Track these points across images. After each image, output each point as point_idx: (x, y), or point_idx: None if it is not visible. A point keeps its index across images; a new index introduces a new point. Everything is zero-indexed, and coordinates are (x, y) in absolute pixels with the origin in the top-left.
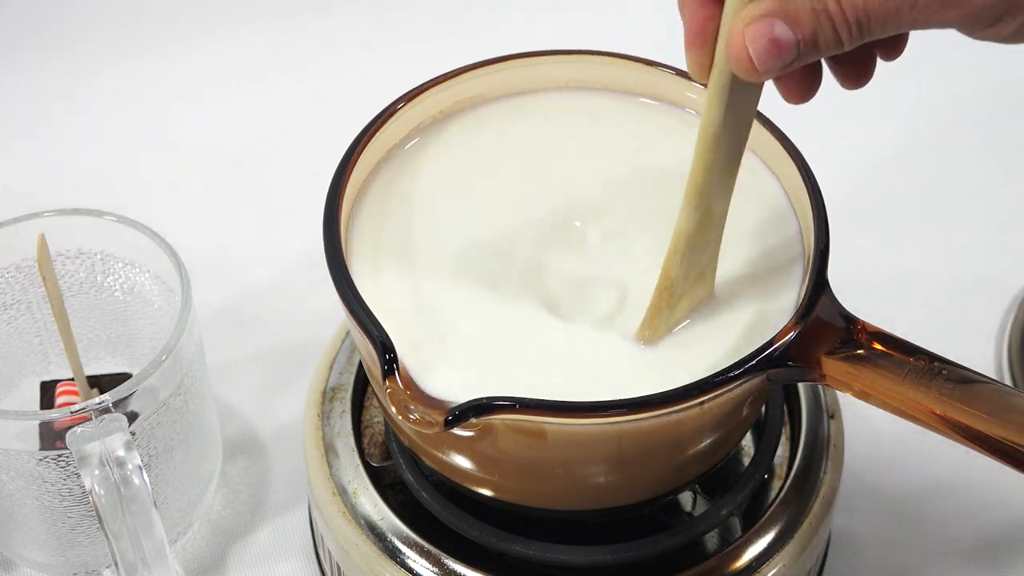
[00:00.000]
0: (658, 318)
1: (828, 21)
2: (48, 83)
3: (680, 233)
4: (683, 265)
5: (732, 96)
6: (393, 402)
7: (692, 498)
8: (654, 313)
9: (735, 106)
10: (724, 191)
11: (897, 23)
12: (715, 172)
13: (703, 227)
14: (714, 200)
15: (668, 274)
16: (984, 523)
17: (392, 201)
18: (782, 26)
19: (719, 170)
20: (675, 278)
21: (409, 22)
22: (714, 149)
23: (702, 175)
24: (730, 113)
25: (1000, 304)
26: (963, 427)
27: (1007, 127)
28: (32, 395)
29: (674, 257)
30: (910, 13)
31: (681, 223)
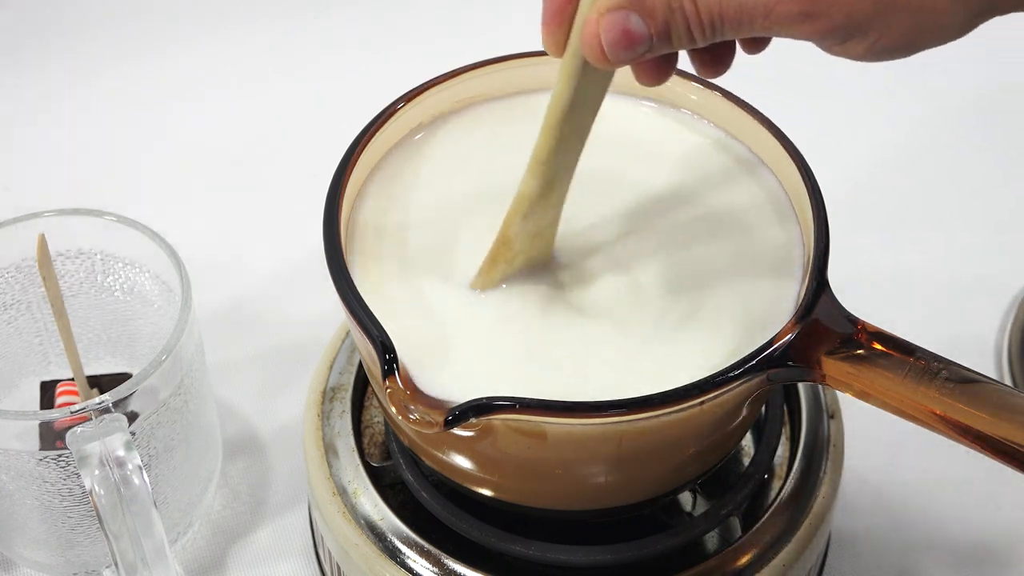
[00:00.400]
0: (494, 269)
1: (682, 19)
2: (48, 83)
3: (522, 196)
4: (522, 224)
5: (583, 76)
6: (393, 402)
7: (692, 498)
8: (490, 264)
9: (586, 86)
10: (569, 162)
11: (751, 29)
12: (561, 144)
13: (544, 193)
14: (558, 169)
15: (507, 232)
16: (984, 523)
17: (392, 201)
18: (636, 19)
19: (565, 142)
20: (513, 236)
21: (409, 22)
22: (561, 124)
23: (547, 146)
24: (580, 92)
25: (1000, 304)
26: (963, 427)
27: (1007, 127)
28: (32, 395)
29: (515, 217)
30: (763, 22)
31: (523, 187)
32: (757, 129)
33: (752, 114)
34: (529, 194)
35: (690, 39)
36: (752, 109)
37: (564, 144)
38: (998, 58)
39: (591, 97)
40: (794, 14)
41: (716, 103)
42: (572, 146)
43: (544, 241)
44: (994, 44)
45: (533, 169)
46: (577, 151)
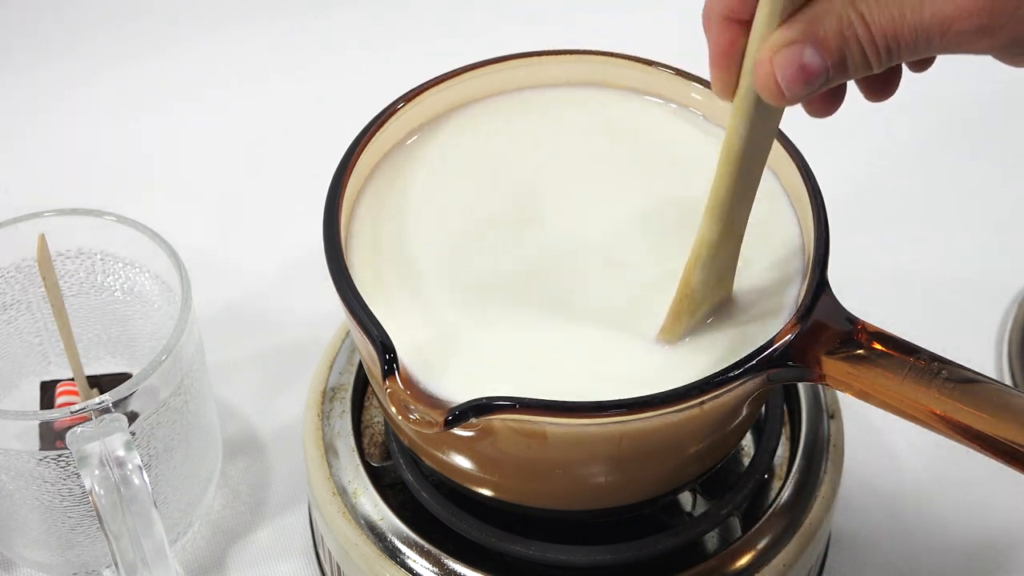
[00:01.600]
0: (678, 323)
1: (857, 46)
2: (48, 83)
3: (702, 243)
4: (704, 272)
5: (756, 116)
6: (393, 402)
7: (692, 498)
8: (675, 319)
9: (759, 125)
10: (745, 203)
11: (928, 49)
12: (737, 186)
13: (724, 237)
14: (735, 212)
15: (688, 281)
16: (984, 523)
17: (392, 200)
18: (811, 52)
19: (741, 184)
20: (695, 285)
21: (409, 22)
22: (737, 165)
23: (725, 189)
24: (754, 132)
25: (1000, 304)
26: (963, 427)
27: (1007, 127)
28: (32, 395)
29: (695, 264)
30: (941, 41)
31: (703, 233)
32: None
33: None
34: (709, 240)
35: (867, 66)
36: None
37: (741, 185)
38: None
39: (766, 134)
40: (973, 30)
41: (717, 103)
42: (749, 186)
43: (725, 286)
44: None
45: (711, 213)
46: (753, 190)
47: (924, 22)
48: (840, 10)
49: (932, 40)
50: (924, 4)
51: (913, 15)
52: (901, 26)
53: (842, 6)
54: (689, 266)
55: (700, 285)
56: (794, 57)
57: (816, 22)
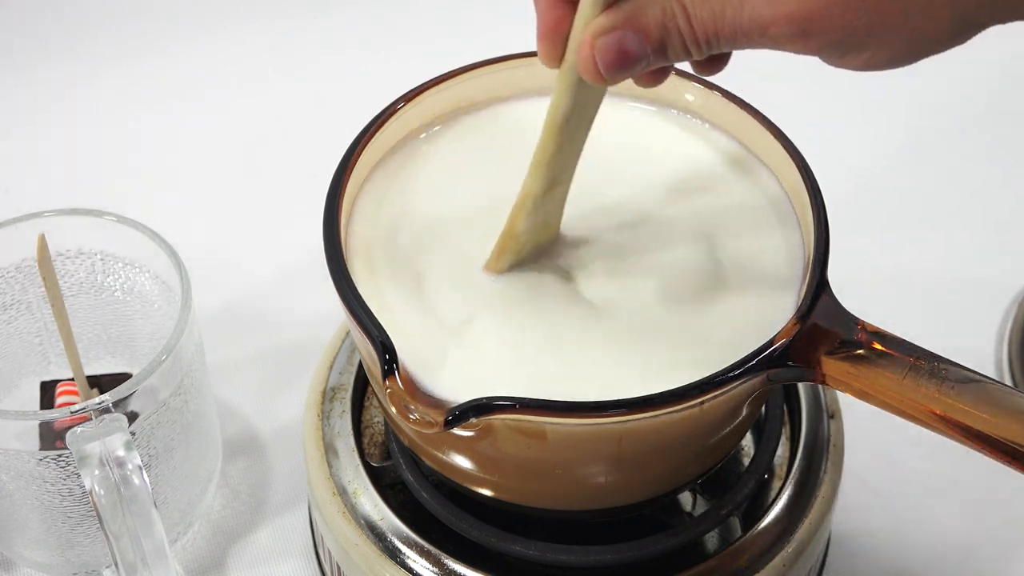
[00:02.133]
0: (502, 259)
1: (678, 36)
2: (48, 83)
3: (526, 195)
4: (528, 220)
5: (580, 87)
6: (393, 402)
7: (692, 498)
8: (499, 255)
9: (581, 96)
10: (570, 162)
11: (747, 45)
12: (562, 148)
13: (548, 189)
14: (558, 170)
15: (513, 226)
16: (984, 523)
17: (392, 200)
18: (632, 38)
19: (566, 145)
20: (519, 230)
21: (409, 22)
22: (561, 129)
23: (548, 150)
24: (578, 101)
25: (1000, 304)
26: (963, 427)
27: (1007, 127)
28: (32, 395)
29: (520, 213)
30: (759, 40)
31: (527, 187)
32: (757, 129)
33: (752, 114)
34: (533, 193)
35: (687, 53)
36: (752, 109)
37: (565, 147)
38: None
39: (589, 104)
40: (789, 34)
41: (716, 104)
42: (573, 148)
43: (550, 229)
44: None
45: (535, 171)
46: (577, 152)
47: (743, 22)
48: (663, 1)
49: (751, 39)
50: (744, 4)
51: (733, 14)
52: (721, 23)
53: None
54: (514, 213)
55: (524, 229)
56: (615, 42)
57: (640, 10)
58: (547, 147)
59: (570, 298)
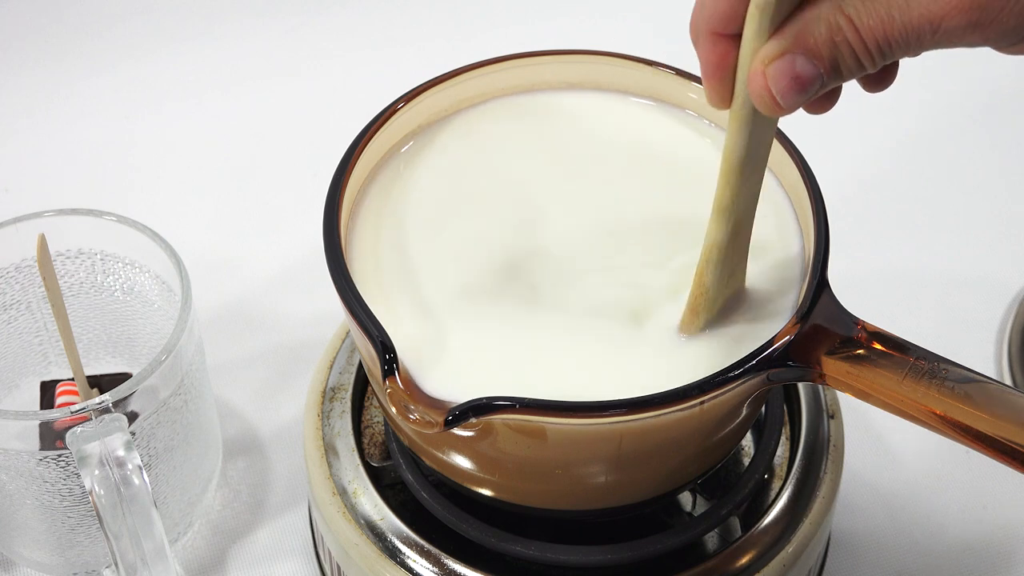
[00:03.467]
0: (696, 318)
1: (848, 49)
2: (48, 83)
3: (711, 245)
4: (715, 272)
5: (754, 125)
6: (393, 402)
7: (692, 498)
8: (693, 314)
9: (757, 132)
10: (749, 205)
11: (919, 47)
12: (741, 190)
13: (731, 238)
14: (740, 214)
15: (702, 281)
16: (984, 523)
17: (392, 201)
18: (803, 61)
19: (744, 188)
20: (708, 284)
21: (409, 22)
22: (739, 172)
23: (729, 195)
24: (752, 139)
25: (1000, 304)
26: (963, 427)
27: (1007, 127)
28: (32, 395)
29: (707, 266)
30: (932, 38)
31: (711, 236)
32: None
33: None
34: (718, 243)
35: (860, 68)
36: None
37: (743, 189)
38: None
39: (764, 140)
40: (963, 26)
41: None
42: (751, 188)
43: (737, 280)
44: None
45: (718, 217)
46: (756, 193)
47: (913, 21)
48: (828, 16)
49: (923, 38)
50: (911, 3)
51: (901, 15)
52: (891, 27)
53: (830, 11)
54: (700, 268)
55: (713, 283)
56: (787, 68)
57: (806, 30)
58: (726, 193)
59: (570, 299)
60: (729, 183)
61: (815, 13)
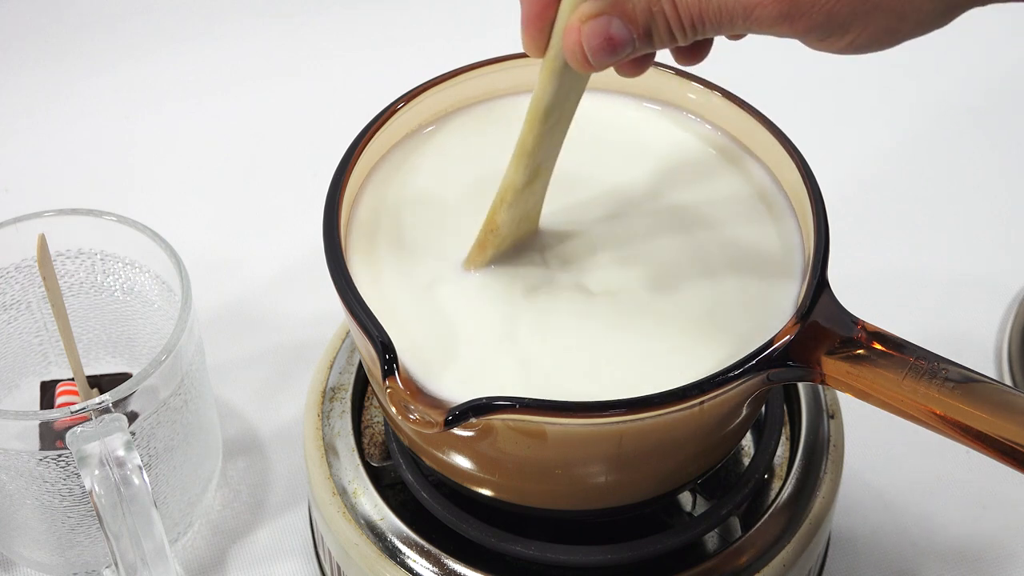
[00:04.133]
0: (483, 254)
1: (663, 20)
2: (48, 83)
3: (507, 187)
4: (509, 212)
5: (565, 75)
6: (393, 402)
7: (692, 498)
8: (480, 249)
9: (567, 83)
10: (552, 152)
11: (731, 28)
12: (544, 138)
13: (529, 182)
14: (541, 160)
15: (494, 219)
16: (984, 523)
17: (392, 200)
18: (618, 24)
19: (548, 135)
20: (500, 223)
21: (409, 22)
22: (544, 118)
23: (532, 141)
24: (562, 89)
25: (1000, 304)
26: (963, 427)
27: (1007, 127)
28: (32, 395)
29: (500, 206)
30: (744, 23)
31: (509, 178)
32: (756, 129)
33: (752, 114)
34: (514, 184)
35: (671, 39)
36: (752, 109)
37: (547, 137)
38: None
39: (572, 93)
40: (774, 16)
41: (716, 104)
42: (555, 138)
43: (530, 222)
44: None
45: (518, 161)
46: (559, 142)
47: (728, 5)
48: None
49: (735, 21)
50: None
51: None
52: (706, 7)
53: None
54: (495, 206)
55: (505, 223)
56: (601, 28)
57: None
58: (529, 137)
59: (570, 299)
60: (533, 129)
61: None
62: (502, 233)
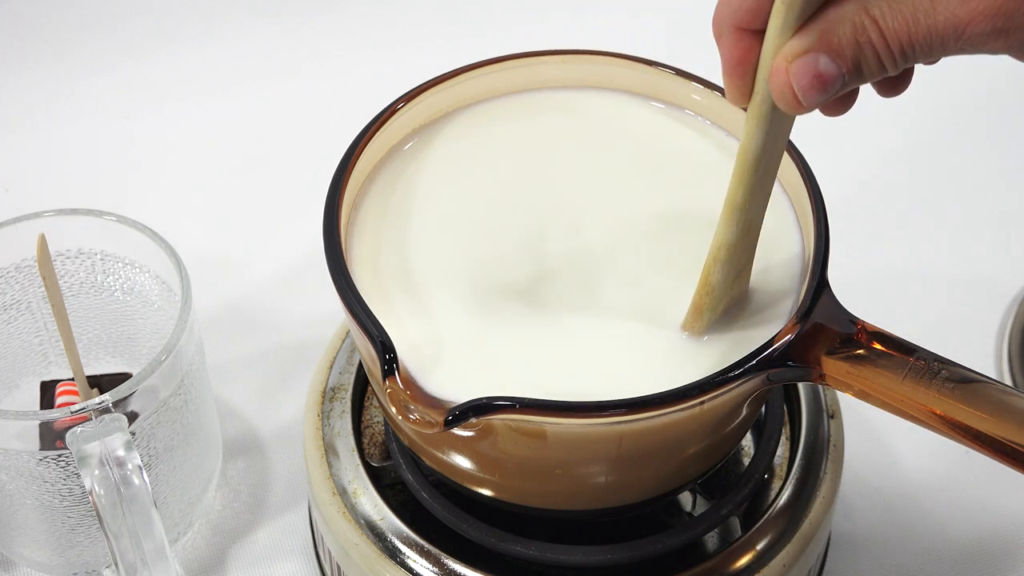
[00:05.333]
0: (700, 319)
1: (872, 51)
2: (48, 83)
3: (720, 244)
4: (723, 271)
5: (771, 122)
6: (393, 402)
7: (692, 498)
8: (696, 314)
9: (774, 131)
10: (760, 205)
11: (943, 51)
12: (754, 190)
13: (741, 238)
14: (751, 214)
15: (708, 280)
16: (984, 523)
17: (392, 200)
18: (826, 61)
19: (757, 187)
20: (714, 283)
21: (409, 22)
22: (753, 170)
23: (742, 194)
24: (769, 137)
25: (1000, 304)
26: (963, 427)
27: (1007, 126)
28: (32, 395)
29: (714, 265)
30: (955, 43)
31: (720, 235)
32: None
33: None
34: (728, 242)
35: (881, 70)
36: None
37: (757, 188)
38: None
39: (780, 139)
40: (988, 32)
41: (717, 103)
42: (764, 189)
43: (742, 282)
44: None
45: (729, 217)
46: (768, 192)
47: (938, 26)
48: (853, 16)
49: (947, 43)
50: (937, 7)
51: (927, 19)
52: (915, 30)
53: (855, 12)
54: (708, 266)
55: (719, 283)
56: (810, 66)
57: (830, 30)
58: (739, 191)
59: (570, 300)
60: (742, 182)
61: (840, 12)
62: (717, 294)
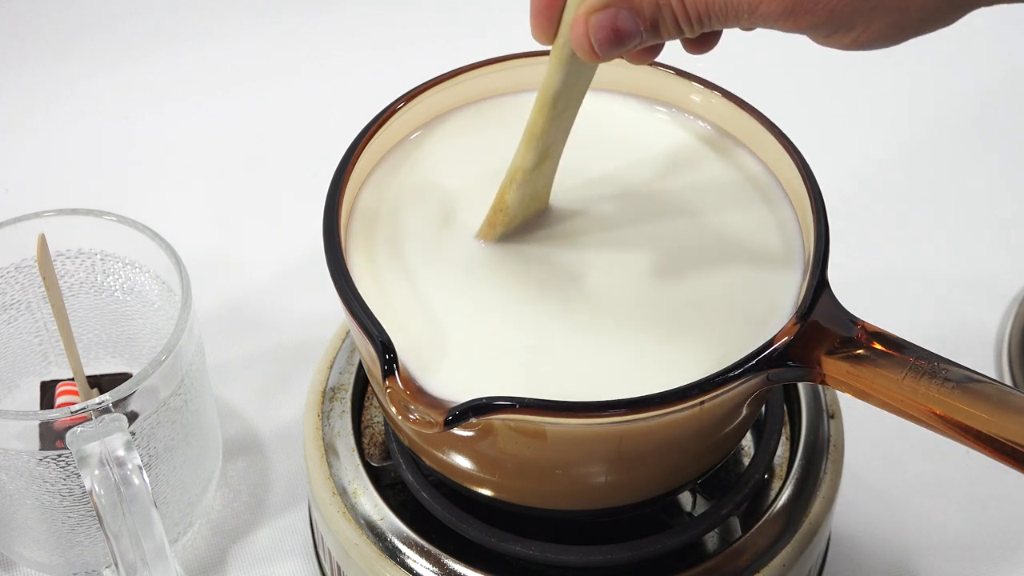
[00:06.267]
0: (493, 230)
1: (670, 13)
2: (48, 83)
3: (517, 168)
4: (518, 192)
5: (572, 65)
6: (393, 402)
7: (692, 498)
8: (490, 227)
9: (574, 72)
10: (559, 137)
11: (737, 22)
12: (553, 122)
13: (539, 163)
14: (549, 144)
15: (503, 198)
16: (984, 523)
17: (392, 201)
18: (625, 16)
19: (557, 120)
20: (509, 202)
21: (409, 22)
22: (553, 106)
23: (541, 125)
24: (569, 78)
25: (1000, 304)
26: (963, 427)
27: (1007, 126)
28: (32, 395)
29: (510, 186)
30: (749, 18)
31: (518, 160)
32: (757, 129)
33: (752, 114)
34: (524, 166)
35: (678, 32)
36: (752, 109)
37: (556, 121)
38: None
39: (581, 80)
40: (778, 12)
41: (716, 104)
42: (564, 123)
43: (539, 202)
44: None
45: (526, 145)
46: (567, 127)
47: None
48: None
49: (740, 16)
50: None
51: None
52: (712, 1)
53: None
54: (504, 186)
55: (513, 203)
56: (609, 20)
57: None
58: (538, 121)
59: (570, 299)
60: (542, 113)
61: None
62: (511, 212)
